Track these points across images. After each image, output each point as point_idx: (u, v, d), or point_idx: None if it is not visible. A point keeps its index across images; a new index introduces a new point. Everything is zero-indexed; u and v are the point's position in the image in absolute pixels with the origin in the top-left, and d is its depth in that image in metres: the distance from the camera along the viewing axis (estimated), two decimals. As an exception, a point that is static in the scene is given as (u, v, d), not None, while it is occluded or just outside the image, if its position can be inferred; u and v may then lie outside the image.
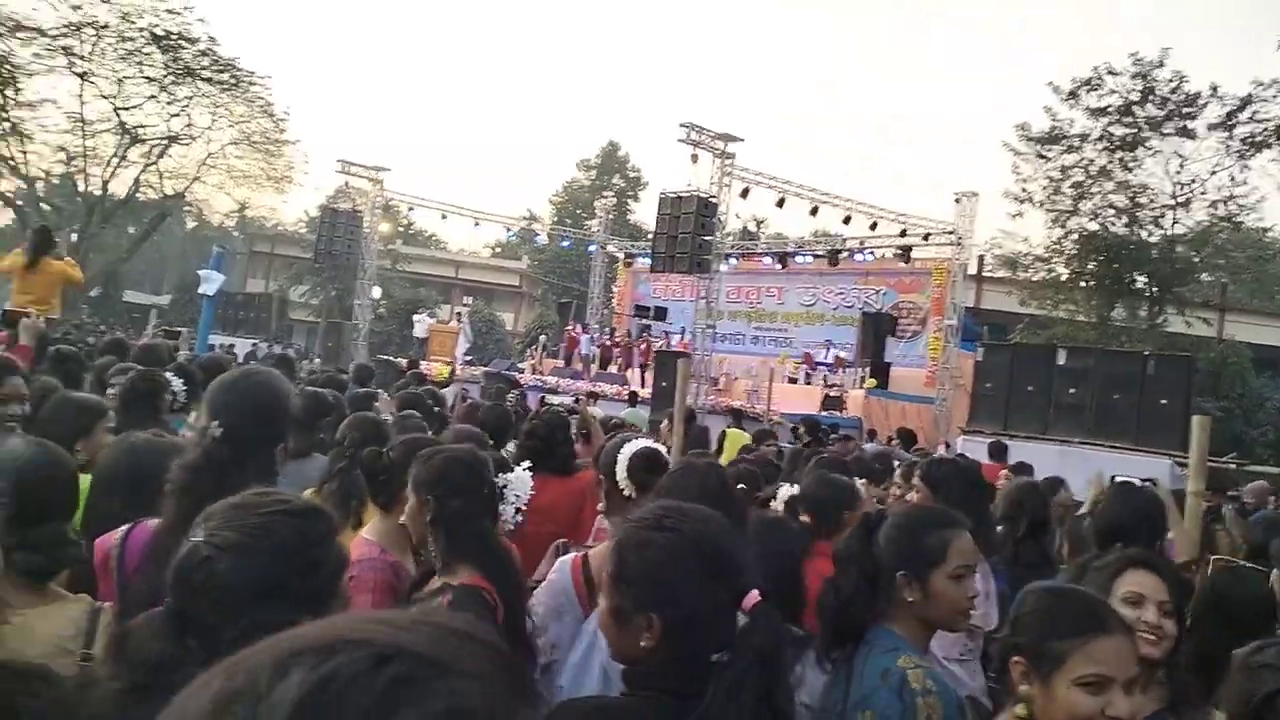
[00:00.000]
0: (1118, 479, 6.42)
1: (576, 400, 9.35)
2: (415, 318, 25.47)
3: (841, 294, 23.86)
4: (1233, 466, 12.07)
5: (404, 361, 13.15)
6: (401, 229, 44.12)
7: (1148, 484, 4.56)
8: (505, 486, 3.00)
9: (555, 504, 3.50)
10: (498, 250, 51.40)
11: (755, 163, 20.45)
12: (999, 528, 3.85)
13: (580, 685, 2.23)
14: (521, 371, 21.66)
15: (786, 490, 4.38)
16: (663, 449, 2.91)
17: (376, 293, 28.25)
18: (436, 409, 5.28)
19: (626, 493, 2.85)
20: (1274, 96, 23.69)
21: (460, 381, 15.30)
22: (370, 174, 24.64)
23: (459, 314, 26.25)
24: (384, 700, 0.51)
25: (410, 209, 28.11)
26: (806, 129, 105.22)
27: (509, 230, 30.14)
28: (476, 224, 26.50)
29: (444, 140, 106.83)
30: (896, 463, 5.80)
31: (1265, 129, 24.27)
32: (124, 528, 2.02)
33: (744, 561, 1.72)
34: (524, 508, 3.04)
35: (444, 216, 25.89)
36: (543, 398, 6.41)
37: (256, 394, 2.25)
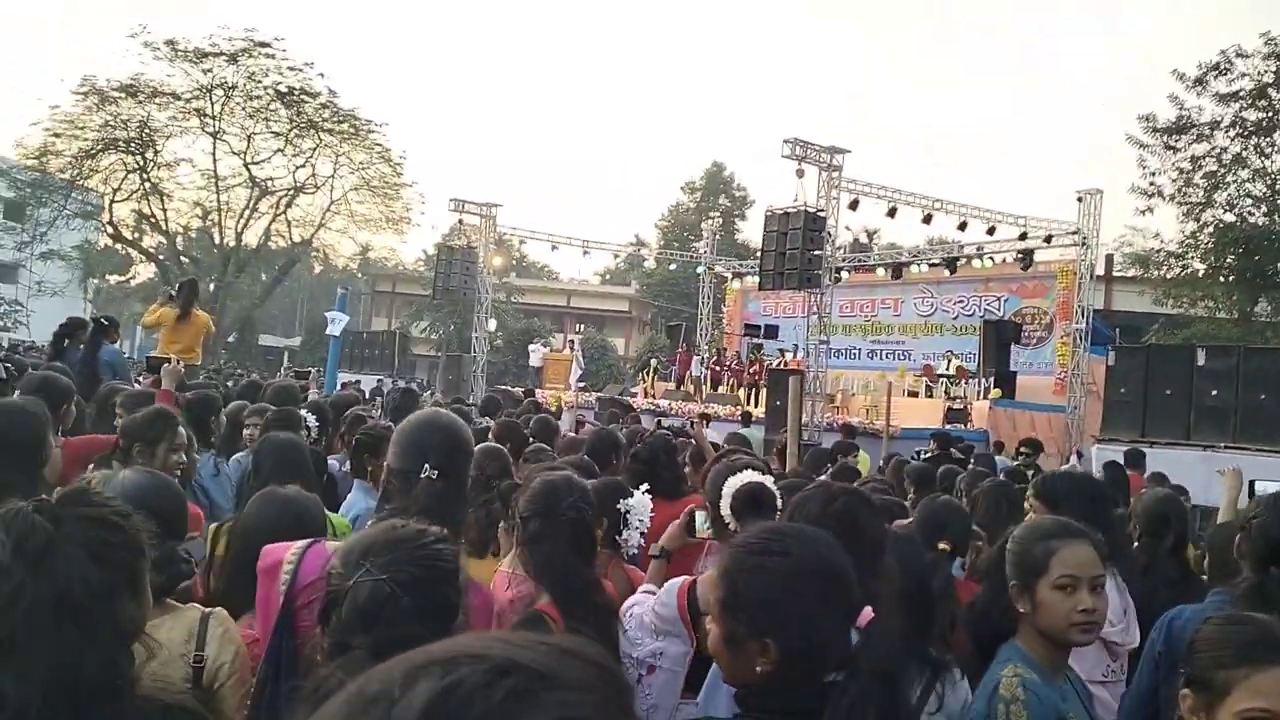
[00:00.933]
0: (1258, 484, 5.98)
1: (690, 424, 9.32)
2: (530, 347, 26.09)
3: (961, 302, 23.20)
4: (1401, 467, 11.09)
5: (520, 391, 13.42)
6: (514, 262, 45.25)
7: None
8: (628, 512, 3.04)
9: (662, 528, 3.50)
10: (607, 277, 52.14)
11: (864, 173, 20.09)
12: (1136, 541, 3.65)
13: (712, 703, 2.23)
14: (634, 396, 21.82)
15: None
16: (769, 482, 2.84)
17: (492, 325, 29.02)
18: (531, 439, 5.40)
19: (730, 526, 2.81)
20: None
21: (575, 408, 15.51)
22: (482, 210, 25.36)
23: (571, 342, 26.69)
24: (501, 709, 0.56)
25: (522, 242, 28.82)
26: (915, 135, 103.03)
27: (617, 256, 30.52)
28: (586, 253, 26.91)
29: (552, 173, 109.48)
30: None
31: None
32: (303, 543, 2.14)
33: (854, 579, 1.69)
34: (646, 531, 3.07)
35: (554, 247, 26.42)
36: (658, 421, 6.45)
37: (457, 432, 2.41)
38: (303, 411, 5.17)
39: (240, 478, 3.93)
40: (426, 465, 2.25)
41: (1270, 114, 23.67)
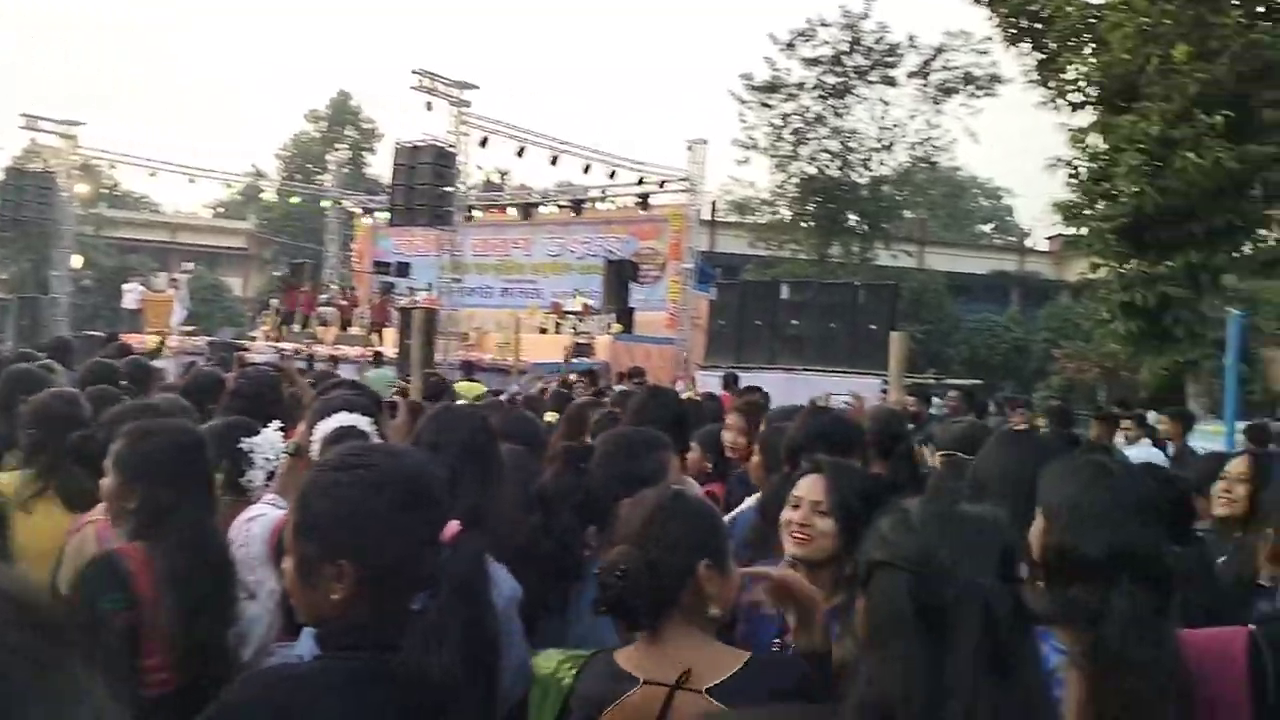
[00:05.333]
0: (833, 398, 7.03)
1: (281, 356, 8.94)
2: (125, 287, 23.05)
3: (586, 243, 24.19)
4: (932, 381, 13.56)
5: (106, 334, 11.90)
6: (105, 190, 39.86)
7: (845, 401, 5.03)
8: (251, 451, 2.83)
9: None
10: (220, 210, 47.65)
11: (494, 112, 20.18)
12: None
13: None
14: (253, 339, 20.33)
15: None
16: (365, 424, 2.72)
17: (77, 262, 25.37)
18: (123, 383, 4.84)
19: None
20: (961, 46, 26.44)
21: (182, 354, 14.14)
22: (62, 129, 21.99)
23: (175, 280, 24.12)
24: None
25: (113, 167, 25.41)
26: (542, 78, 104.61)
27: (231, 187, 28.02)
28: (191, 181, 24.38)
29: (148, 90, 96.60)
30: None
31: (954, 76, 27.05)
32: None
33: (443, 494, 1.64)
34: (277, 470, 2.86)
35: (153, 174, 23.64)
36: (240, 356, 6.03)
37: None
38: None
39: None
40: None
41: (845, 79, 27.18)
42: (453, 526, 1.64)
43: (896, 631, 1.23)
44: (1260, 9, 11.85)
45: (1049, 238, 34.87)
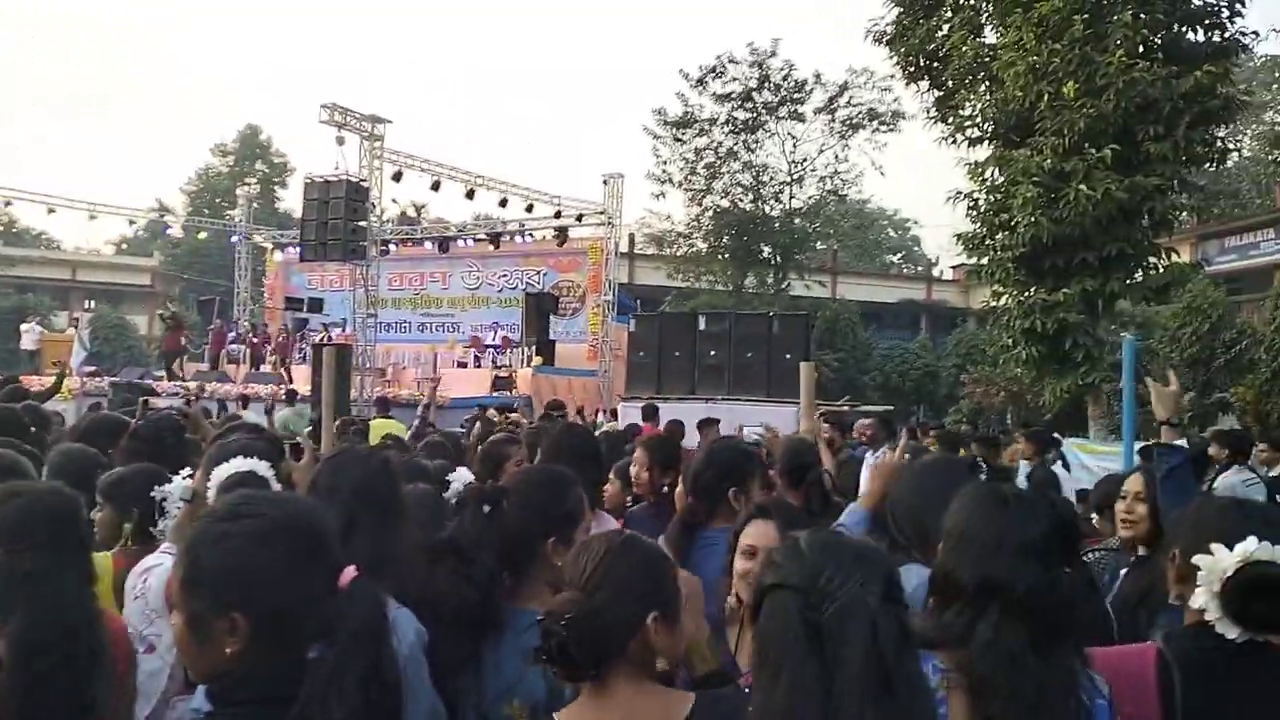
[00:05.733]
0: (745, 429, 7.14)
1: (187, 401, 8.72)
2: (23, 328, 22.10)
3: (505, 276, 24.16)
4: (847, 409, 13.80)
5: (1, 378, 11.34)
6: (1, 227, 38.30)
7: (758, 432, 5.11)
8: (164, 500, 2.73)
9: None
10: (124, 247, 46.13)
11: (409, 146, 20.11)
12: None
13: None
14: (160, 380, 19.63)
15: (462, 474, 4.32)
16: (263, 468, 2.64)
17: (-30, 303, 24.30)
18: (34, 429, 4.65)
19: None
20: (865, 83, 27.34)
21: (84, 395, 13.59)
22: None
23: (75, 319, 23.24)
24: None
25: (7, 204, 24.42)
26: (456, 113, 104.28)
27: (134, 223, 27.22)
28: (92, 217, 23.61)
29: (46, 124, 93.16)
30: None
31: (859, 112, 27.92)
32: None
33: (335, 540, 1.59)
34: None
35: (51, 210, 22.83)
36: (144, 400, 5.82)
37: None
38: None
39: None
40: None
41: (755, 114, 27.79)
42: (349, 572, 1.60)
43: (787, 651, 1.28)
44: (1141, 49, 12.50)
45: (954, 267, 36.15)
